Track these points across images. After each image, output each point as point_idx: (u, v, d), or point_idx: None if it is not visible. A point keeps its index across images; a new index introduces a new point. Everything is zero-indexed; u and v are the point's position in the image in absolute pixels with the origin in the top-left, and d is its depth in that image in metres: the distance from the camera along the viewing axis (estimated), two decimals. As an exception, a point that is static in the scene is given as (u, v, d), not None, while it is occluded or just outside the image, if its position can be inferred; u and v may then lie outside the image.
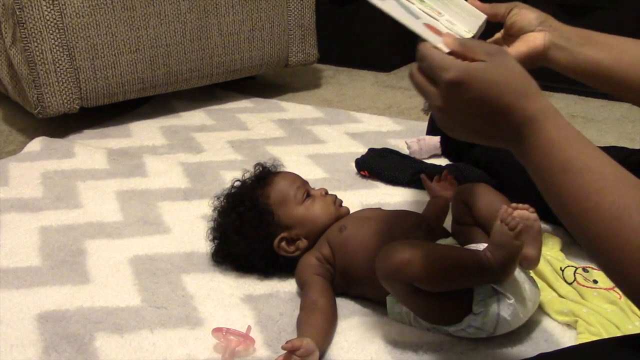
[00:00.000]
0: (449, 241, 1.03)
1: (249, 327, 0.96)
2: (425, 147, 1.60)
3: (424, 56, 0.74)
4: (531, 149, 0.70)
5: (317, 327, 0.94)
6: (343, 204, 1.16)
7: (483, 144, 0.79)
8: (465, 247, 0.99)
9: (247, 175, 1.17)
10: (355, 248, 1.04)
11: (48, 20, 1.68)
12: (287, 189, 1.12)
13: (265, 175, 1.15)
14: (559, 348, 0.91)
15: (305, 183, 1.16)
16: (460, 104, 0.71)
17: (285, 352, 0.88)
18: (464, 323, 0.91)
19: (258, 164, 1.19)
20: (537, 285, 0.97)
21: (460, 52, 0.73)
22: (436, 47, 0.74)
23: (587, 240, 0.65)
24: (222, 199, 1.15)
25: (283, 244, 1.10)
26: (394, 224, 1.06)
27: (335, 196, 1.16)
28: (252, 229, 1.09)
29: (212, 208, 1.16)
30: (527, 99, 0.70)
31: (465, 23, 0.84)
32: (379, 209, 1.17)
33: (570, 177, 0.66)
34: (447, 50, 0.74)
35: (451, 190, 1.22)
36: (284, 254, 1.10)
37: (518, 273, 0.93)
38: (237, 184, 1.16)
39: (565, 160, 0.67)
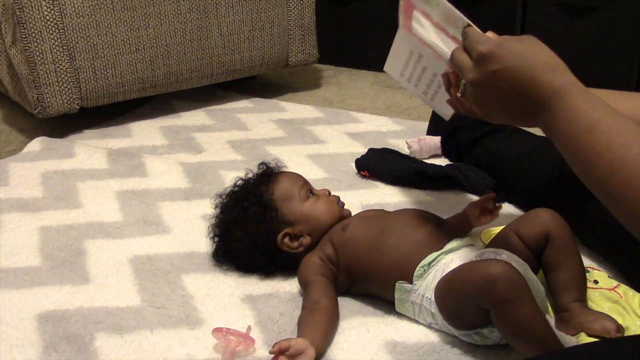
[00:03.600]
0: (464, 242, 1.03)
1: (249, 327, 0.96)
2: (425, 147, 1.60)
3: (466, 34, 0.82)
4: (557, 115, 0.73)
5: (317, 326, 0.94)
6: (345, 206, 1.16)
7: (511, 123, 0.82)
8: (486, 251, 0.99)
9: (250, 174, 1.18)
10: (359, 245, 1.04)
11: (48, 20, 1.68)
12: (291, 186, 1.12)
13: (269, 173, 1.16)
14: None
15: (308, 183, 1.16)
16: (490, 75, 0.77)
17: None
18: (474, 329, 0.91)
19: (262, 163, 1.19)
20: (547, 300, 0.97)
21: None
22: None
23: (611, 193, 0.67)
24: (224, 196, 1.15)
25: (287, 239, 1.10)
26: (399, 220, 1.06)
27: (338, 197, 1.16)
28: (256, 224, 1.09)
29: (214, 205, 1.16)
30: (555, 73, 0.74)
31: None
32: (382, 210, 1.17)
33: (596, 136, 0.69)
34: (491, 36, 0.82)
35: (489, 219, 1.15)
36: (287, 249, 1.10)
37: (537, 288, 0.93)
38: (239, 182, 1.16)
39: (591, 122, 0.70)
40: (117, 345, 0.95)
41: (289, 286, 1.10)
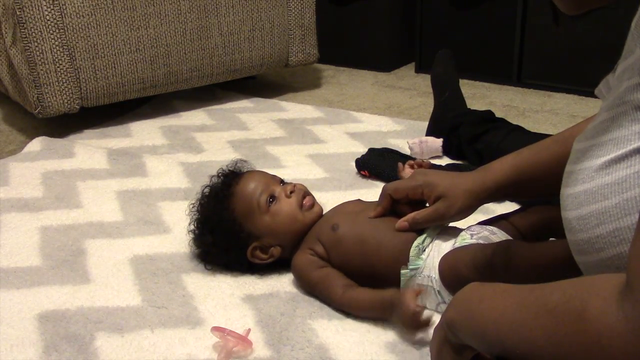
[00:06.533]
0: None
1: (248, 330, 0.96)
2: (427, 149, 1.60)
3: None
4: None
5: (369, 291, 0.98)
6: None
7: None
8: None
9: (215, 179, 1.16)
10: (352, 246, 1.04)
11: (48, 20, 1.68)
12: (250, 198, 1.10)
13: (228, 185, 1.12)
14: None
15: (269, 182, 1.12)
16: None
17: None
18: None
19: (220, 170, 1.17)
20: None
21: None
22: None
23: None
24: (196, 207, 1.15)
25: (257, 252, 1.10)
26: (387, 217, 1.06)
27: (304, 194, 1.12)
28: (226, 241, 1.10)
29: (189, 222, 1.16)
30: None
31: None
32: (359, 200, 1.16)
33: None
34: None
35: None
36: (258, 262, 1.10)
37: None
38: (206, 190, 1.15)
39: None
40: (117, 345, 0.95)
41: (289, 286, 1.10)
